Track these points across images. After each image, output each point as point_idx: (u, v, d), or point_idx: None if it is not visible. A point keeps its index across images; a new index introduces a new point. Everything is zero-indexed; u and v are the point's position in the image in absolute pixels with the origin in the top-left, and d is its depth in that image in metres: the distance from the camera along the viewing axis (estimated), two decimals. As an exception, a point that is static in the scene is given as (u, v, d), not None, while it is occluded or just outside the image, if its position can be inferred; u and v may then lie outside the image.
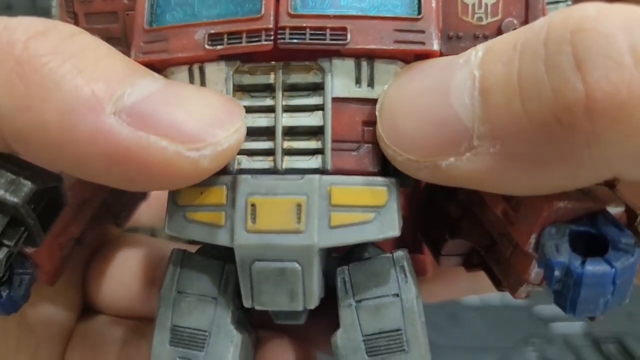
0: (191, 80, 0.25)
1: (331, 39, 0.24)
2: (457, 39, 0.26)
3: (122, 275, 0.31)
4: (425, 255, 0.34)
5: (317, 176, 0.24)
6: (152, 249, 0.33)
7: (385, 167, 0.26)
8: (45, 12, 0.27)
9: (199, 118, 0.22)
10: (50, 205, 0.26)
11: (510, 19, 0.26)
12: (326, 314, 0.26)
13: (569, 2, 0.28)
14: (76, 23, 0.28)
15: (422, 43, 0.24)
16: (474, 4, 0.26)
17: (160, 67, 0.25)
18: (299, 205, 0.23)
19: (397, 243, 0.34)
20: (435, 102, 0.22)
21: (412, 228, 0.33)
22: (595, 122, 0.19)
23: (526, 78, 0.20)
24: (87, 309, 0.32)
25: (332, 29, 0.24)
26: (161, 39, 0.25)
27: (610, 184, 0.25)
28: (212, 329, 0.25)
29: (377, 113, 0.24)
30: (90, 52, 0.22)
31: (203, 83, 0.25)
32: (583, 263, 0.21)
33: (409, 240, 0.33)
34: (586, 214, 0.23)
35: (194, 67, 0.25)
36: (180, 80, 0.25)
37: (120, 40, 0.27)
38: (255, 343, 0.28)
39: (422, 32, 0.24)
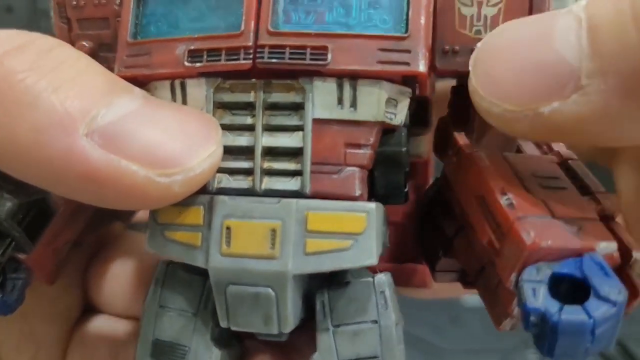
0: (173, 96, 0.24)
1: (311, 59, 0.23)
2: (452, 53, 0.25)
3: (123, 275, 0.32)
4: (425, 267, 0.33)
5: (294, 200, 0.23)
6: None
7: (373, 189, 0.25)
8: (45, 14, 0.28)
9: (172, 142, 0.22)
10: (39, 215, 0.26)
11: None
12: (314, 326, 0.26)
13: None
14: (69, 29, 0.28)
15: (407, 64, 0.23)
16: (472, 16, 0.25)
17: (143, 82, 0.25)
18: (273, 231, 0.23)
19: (399, 252, 0.33)
20: (537, 47, 0.21)
21: (415, 237, 0.32)
22: None
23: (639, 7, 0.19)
24: (88, 310, 0.33)
25: (312, 48, 0.23)
26: (144, 53, 0.24)
27: (607, 217, 0.23)
28: (191, 344, 0.25)
29: (470, 68, 0.23)
30: (68, 67, 0.22)
31: (184, 99, 0.24)
32: (561, 310, 0.20)
33: (411, 249, 0.32)
34: (572, 255, 0.21)
35: (176, 83, 0.24)
36: (163, 95, 0.24)
37: (111, 47, 0.27)
38: (240, 356, 0.28)
39: (408, 51, 0.23)
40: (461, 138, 0.26)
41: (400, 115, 0.24)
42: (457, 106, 0.28)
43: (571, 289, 0.21)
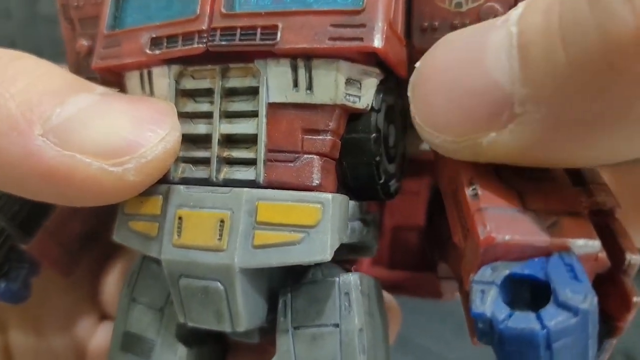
0: (142, 86, 0.24)
1: (261, 39, 0.21)
2: (432, 30, 0.23)
3: None
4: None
5: (245, 190, 0.22)
6: None
7: (345, 180, 0.23)
8: (44, 19, 0.29)
9: (121, 131, 0.22)
10: (36, 208, 0.27)
11: (492, 3, 0.21)
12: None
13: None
14: (72, 29, 0.28)
15: (360, 39, 0.20)
16: None
17: (117, 72, 0.25)
18: (222, 221, 0.22)
19: (410, 258, 0.30)
20: (469, 70, 0.19)
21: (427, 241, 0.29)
22: None
23: (567, 21, 0.17)
24: (103, 320, 0.33)
25: (263, 27, 0.21)
26: (116, 44, 0.24)
27: (601, 212, 0.20)
28: (157, 339, 0.24)
29: (408, 93, 0.21)
30: (25, 75, 0.23)
31: (151, 89, 0.24)
32: (510, 317, 0.17)
33: (422, 254, 0.29)
34: (540, 253, 0.18)
35: (144, 72, 0.24)
36: (134, 85, 0.24)
37: None
38: (221, 353, 0.27)
39: (363, 26, 0.21)
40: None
41: (365, 98, 0.22)
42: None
43: (537, 295, 0.18)
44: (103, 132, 0.22)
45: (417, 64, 0.21)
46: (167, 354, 0.24)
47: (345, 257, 0.24)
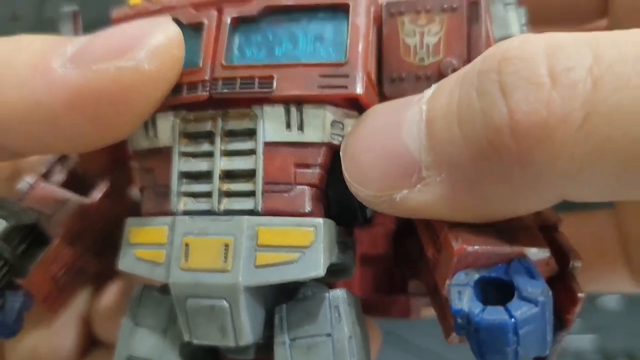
0: (146, 129, 0.27)
1: (259, 87, 0.25)
2: (399, 80, 0.27)
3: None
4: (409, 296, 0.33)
5: (245, 217, 0.25)
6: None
7: (329, 208, 0.26)
8: (51, 23, 0.31)
9: (125, 33, 0.24)
10: (35, 241, 0.29)
11: (450, 58, 0.26)
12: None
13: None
14: None
15: (345, 87, 0.24)
16: (415, 45, 0.26)
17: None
18: (226, 245, 0.25)
19: (386, 283, 0.34)
20: (389, 137, 0.23)
21: (393, 267, 0.33)
22: (520, 143, 0.20)
23: (462, 105, 0.21)
24: (94, 344, 0.35)
25: (260, 77, 0.25)
26: None
27: (548, 227, 0.24)
28: (160, 359, 0.27)
29: (340, 153, 0.25)
30: (34, 37, 0.26)
31: (155, 131, 0.27)
32: (483, 311, 0.21)
33: (391, 280, 0.33)
34: (502, 260, 0.22)
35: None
36: (137, 130, 0.27)
37: None
38: None
39: (346, 76, 0.24)
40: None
41: None
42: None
43: (503, 295, 0.21)
44: (112, 38, 0.24)
45: (349, 128, 0.25)
46: None
47: (328, 279, 0.27)
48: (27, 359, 0.33)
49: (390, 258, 0.33)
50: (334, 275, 0.29)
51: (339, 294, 0.26)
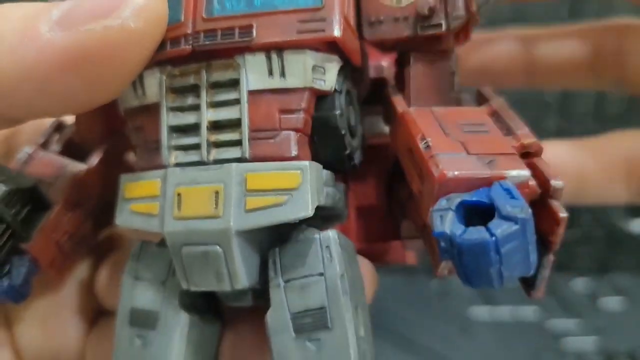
0: (134, 88, 0.28)
1: (239, 37, 0.25)
2: (378, 23, 0.27)
3: None
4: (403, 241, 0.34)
5: (234, 164, 0.25)
6: None
7: (316, 154, 0.27)
8: None
9: None
10: (36, 207, 0.30)
11: None
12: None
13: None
14: None
15: (323, 30, 0.25)
16: None
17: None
18: (217, 192, 0.25)
19: (376, 232, 0.34)
20: None
21: (388, 215, 0.34)
22: None
23: None
24: (102, 313, 0.36)
25: (240, 27, 0.25)
26: None
27: (528, 154, 0.24)
28: (161, 309, 0.27)
29: None
30: (18, 5, 0.26)
31: (142, 87, 0.27)
32: (465, 232, 0.21)
33: (386, 228, 0.33)
34: (483, 184, 0.22)
35: None
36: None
37: None
38: (219, 320, 0.30)
39: (323, 20, 0.25)
40: (398, 102, 0.28)
41: (329, 80, 0.26)
42: (399, 75, 0.29)
43: (486, 218, 0.22)
44: (95, 1, 0.24)
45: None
46: (172, 321, 0.27)
47: (321, 226, 0.28)
48: (36, 331, 0.34)
49: (383, 207, 0.33)
50: (327, 222, 0.29)
51: (329, 235, 0.26)
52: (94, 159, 0.33)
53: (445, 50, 0.28)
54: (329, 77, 0.26)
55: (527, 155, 0.24)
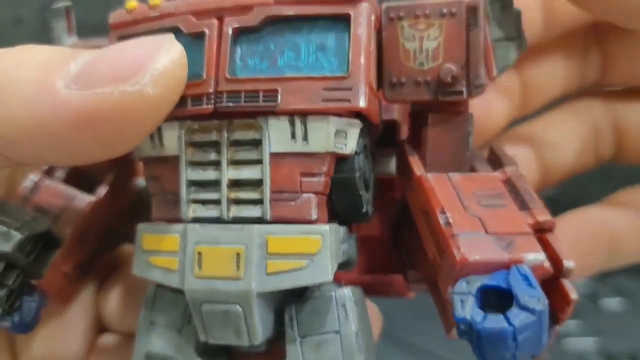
0: (151, 138, 0.27)
1: (264, 101, 0.25)
2: (399, 85, 0.27)
3: (134, 296, 0.35)
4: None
5: (255, 226, 0.26)
6: None
7: (333, 210, 0.27)
8: None
9: (129, 55, 0.25)
10: (47, 245, 0.30)
11: (449, 65, 0.26)
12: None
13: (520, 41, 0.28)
14: None
15: (348, 100, 0.25)
16: (415, 50, 0.27)
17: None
18: (238, 254, 0.26)
19: (379, 263, 0.35)
20: None
21: (392, 248, 0.35)
22: None
23: None
24: (104, 331, 0.36)
25: (264, 91, 0.25)
26: None
27: (542, 230, 0.25)
28: (178, 356, 0.28)
29: None
30: (40, 51, 0.26)
31: (161, 141, 0.27)
32: (485, 319, 0.22)
33: (390, 260, 0.35)
34: (502, 267, 0.23)
35: None
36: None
37: None
38: None
39: (349, 89, 0.25)
40: (414, 161, 0.28)
41: (350, 144, 0.26)
42: (414, 130, 0.30)
43: (502, 299, 0.23)
44: (116, 61, 0.25)
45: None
46: None
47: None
48: (38, 348, 0.35)
49: (387, 239, 0.34)
50: (339, 268, 0.30)
51: (345, 293, 0.27)
52: (102, 191, 0.33)
53: (462, 111, 0.28)
54: (350, 142, 0.26)
55: (540, 230, 0.25)
